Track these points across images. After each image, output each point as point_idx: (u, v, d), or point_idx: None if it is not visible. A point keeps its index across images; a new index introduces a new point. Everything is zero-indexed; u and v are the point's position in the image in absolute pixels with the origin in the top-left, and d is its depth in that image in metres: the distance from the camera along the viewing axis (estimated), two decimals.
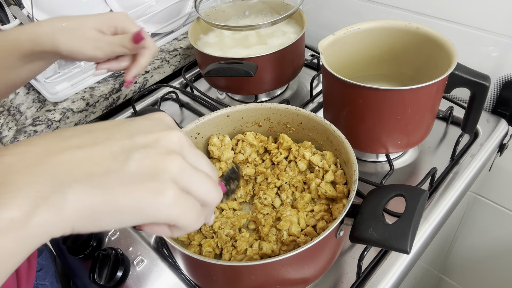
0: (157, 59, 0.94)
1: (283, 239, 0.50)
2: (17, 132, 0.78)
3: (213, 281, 0.48)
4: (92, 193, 0.23)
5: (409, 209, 0.42)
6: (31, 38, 0.50)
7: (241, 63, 0.71)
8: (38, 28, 0.50)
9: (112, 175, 0.24)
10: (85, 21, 0.52)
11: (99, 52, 0.52)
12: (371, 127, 0.61)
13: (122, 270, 0.57)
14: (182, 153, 0.27)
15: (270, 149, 0.62)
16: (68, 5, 0.90)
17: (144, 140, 0.26)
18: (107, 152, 0.24)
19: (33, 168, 0.22)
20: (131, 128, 0.27)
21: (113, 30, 0.54)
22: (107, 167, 0.24)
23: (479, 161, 0.69)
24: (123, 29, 0.54)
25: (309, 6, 0.97)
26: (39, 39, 0.50)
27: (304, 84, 0.92)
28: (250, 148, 0.61)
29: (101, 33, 0.53)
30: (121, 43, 0.53)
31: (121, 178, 0.24)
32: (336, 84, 0.60)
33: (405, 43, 0.67)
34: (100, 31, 0.53)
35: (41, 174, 0.22)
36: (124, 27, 0.54)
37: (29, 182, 0.22)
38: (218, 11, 0.90)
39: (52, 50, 0.51)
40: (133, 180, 0.24)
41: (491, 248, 0.99)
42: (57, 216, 0.22)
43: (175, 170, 0.25)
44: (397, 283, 0.55)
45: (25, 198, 0.21)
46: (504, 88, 0.74)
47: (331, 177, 0.55)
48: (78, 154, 0.24)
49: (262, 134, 0.63)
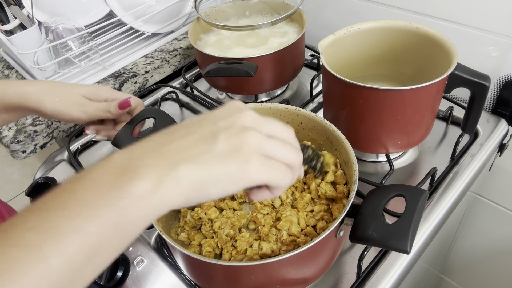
0: (157, 59, 0.94)
1: (283, 239, 0.50)
2: (17, 132, 0.78)
3: (213, 281, 0.48)
4: (197, 169, 0.30)
5: (409, 209, 0.42)
6: (19, 94, 0.55)
7: (241, 63, 0.71)
8: (27, 86, 0.56)
9: (208, 154, 0.31)
10: (74, 88, 0.59)
11: (83, 115, 0.58)
12: (371, 127, 0.61)
13: (122, 270, 0.57)
14: (257, 127, 0.33)
15: None
16: (68, 5, 0.90)
17: (225, 124, 0.32)
18: (201, 138, 0.31)
19: (155, 155, 0.30)
20: (213, 117, 0.33)
21: (100, 100, 0.60)
22: (203, 149, 0.31)
23: (479, 161, 0.69)
24: (111, 98, 0.61)
25: (309, 6, 0.97)
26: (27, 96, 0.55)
27: (304, 84, 0.92)
28: None
29: (88, 99, 0.59)
30: (107, 109, 0.59)
31: (214, 156, 0.31)
32: (336, 84, 0.60)
33: (405, 43, 0.67)
34: (87, 98, 0.59)
35: (161, 159, 0.30)
36: (112, 96, 0.61)
37: (154, 164, 0.29)
38: (218, 11, 0.90)
39: (36, 108, 0.56)
40: (223, 155, 0.31)
41: (491, 248, 0.99)
42: (175, 188, 0.29)
43: (254, 143, 0.32)
44: (397, 283, 0.55)
45: (153, 175, 0.28)
46: (504, 88, 0.74)
47: (331, 177, 0.55)
48: (182, 143, 0.31)
49: None
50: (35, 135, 0.78)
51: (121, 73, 0.90)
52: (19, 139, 0.77)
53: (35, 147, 0.79)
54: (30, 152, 0.79)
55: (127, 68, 0.92)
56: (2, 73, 0.95)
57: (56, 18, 0.84)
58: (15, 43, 0.82)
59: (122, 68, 0.92)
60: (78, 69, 0.88)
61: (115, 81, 0.88)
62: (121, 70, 0.91)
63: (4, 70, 0.96)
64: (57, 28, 0.83)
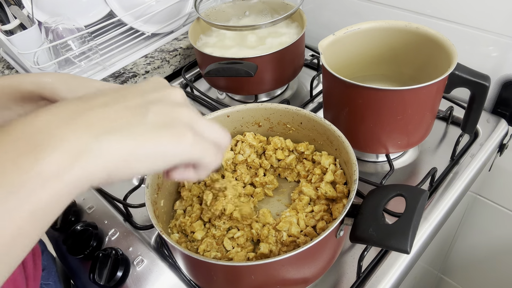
0: (157, 59, 0.94)
1: (282, 240, 0.50)
2: None
3: (213, 281, 0.48)
4: (125, 142, 0.26)
5: (409, 209, 0.42)
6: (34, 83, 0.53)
7: (241, 63, 0.71)
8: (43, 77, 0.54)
9: (138, 127, 0.27)
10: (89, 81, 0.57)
11: None
12: (371, 127, 0.61)
13: (122, 270, 0.57)
14: (188, 105, 0.31)
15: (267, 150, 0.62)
16: (68, 5, 0.90)
17: (155, 97, 0.30)
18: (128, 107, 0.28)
19: (70, 123, 0.25)
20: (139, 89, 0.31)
21: None
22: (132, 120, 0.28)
23: (479, 161, 0.69)
24: None
25: (309, 6, 0.97)
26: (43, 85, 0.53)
27: (304, 84, 0.92)
28: (249, 149, 0.61)
29: None
30: None
31: (145, 128, 0.28)
32: (336, 84, 0.60)
33: (405, 43, 0.67)
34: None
35: (77, 128, 0.25)
36: None
37: (69, 134, 0.25)
38: (218, 11, 0.90)
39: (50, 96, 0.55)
40: (155, 128, 0.28)
41: (491, 248, 0.99)
42: (96, 163, 0.25)
43: (187, 118, 0.30)
44: (397, 283, 0.55)
45: (68, 147, 0.24)
46: (504, 88, 0.74)
47: (331, 177, 0.55)
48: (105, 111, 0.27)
49: (262, 134, 0.63)
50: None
51: (121, 73, 0.91)
52: None
53: None
54: None
55: (127, 68, 0.92)
56: (2, 73, 0.95)
57: (56, 18, 0.84)
58: (15, 43, 0.82)
59: (122, 68, 0.92)
60: (78, 69, 0.88)
61: (115, 81, 0.88)
62: (121, 70, 0.91)
63: (4, 70, 0.96)
64: (57, 28, 0.83)
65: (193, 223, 0.54)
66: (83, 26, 0.87)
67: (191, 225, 0.53)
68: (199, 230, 0.53)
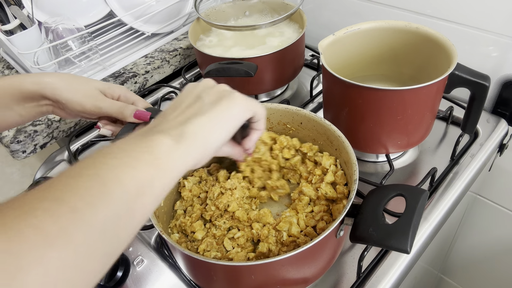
0: (157, 59, 0.94)
1: (283, 240, 0.50)
2: (17, 132, 0.78)
3: (213, 281, 0.48)
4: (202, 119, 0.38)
5: (409, 209, 0.42)
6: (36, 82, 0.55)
7: (241, 63, 0.71)
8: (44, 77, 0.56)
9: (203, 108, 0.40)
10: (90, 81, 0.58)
11: (96, 109, 0.57)
12: (371, 127, 0.61)
13: (122, 270, 0.57)
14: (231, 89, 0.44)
15: (274, 148, 0.61)
16: (68, 5, 0.90)
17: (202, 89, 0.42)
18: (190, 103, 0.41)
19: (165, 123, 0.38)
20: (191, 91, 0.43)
21: (115, 97, 0.59)
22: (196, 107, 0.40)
23: (479, 161, 0.69)
24: (126, 98, 0.59)
25: (309, 6, 0.97)
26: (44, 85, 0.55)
27: (304, 84, 0.92)
28: (264, 146, 0.59)
29: (102, 94, 0.58)
30: (120, 111, 0.57)
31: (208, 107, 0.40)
32: (336, 84, 0.60)
33: (405, 43, 0.67)
34: (102, 93, 0.58)
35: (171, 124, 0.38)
36: (127, 96, 0.59)
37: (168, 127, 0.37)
38: (218, 11, 0.90)
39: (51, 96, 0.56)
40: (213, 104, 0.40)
41: (491, 248, 0.99)
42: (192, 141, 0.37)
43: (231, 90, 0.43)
44: (397, 283, 0.55)
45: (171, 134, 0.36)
46: (504, 88, 0.74)
47: (331, 178, 0.55)
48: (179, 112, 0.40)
49: None
50: (35, 135, 0.78)
51: (121, 73, 0.90)
52: (19, 139, 0.77)
53: (35, 147, 0.79)
54: (30, 152, 0.79)
55: (127, 68, 0.92)
56: (2, 73, 0.95)
57: (56, 18, 0.84)
58: (15, 43, 0.82)
59: (122, 68, 0.92)
60: (78, 69, 0.88)
61: (115, 81, 0.88)
62: (121, 70, 0.91)
63: (4, 70, 0.96)
64: (57, 28, 0.83)
65: (194, 223, 0.54)
66: (83, 26, 0.87)
67: (192, 225, 0.53)
68: (199, 230, 0.53)
